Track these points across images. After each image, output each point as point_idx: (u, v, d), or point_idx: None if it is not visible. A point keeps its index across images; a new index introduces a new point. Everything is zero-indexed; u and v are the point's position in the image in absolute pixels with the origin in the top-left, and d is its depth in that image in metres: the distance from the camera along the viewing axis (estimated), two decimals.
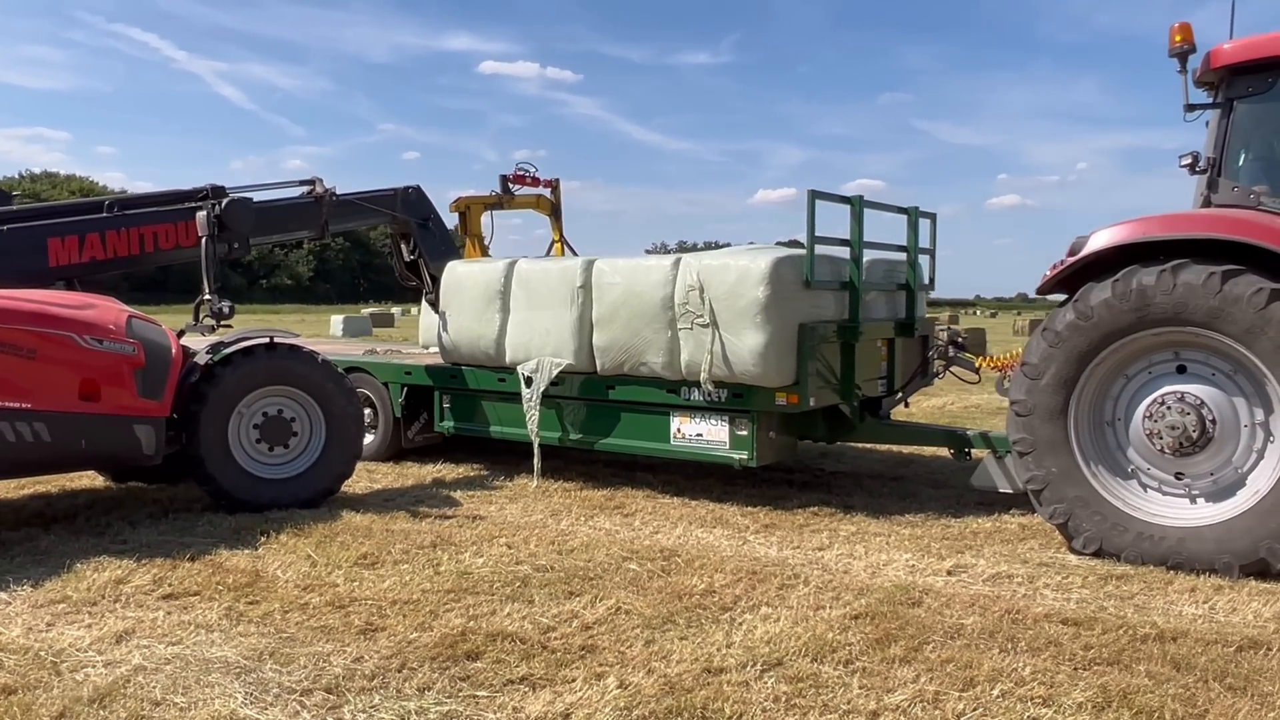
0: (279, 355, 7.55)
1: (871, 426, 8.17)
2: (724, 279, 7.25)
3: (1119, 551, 6.05)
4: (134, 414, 6.63)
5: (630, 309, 7.74)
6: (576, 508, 7.65)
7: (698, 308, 7.34)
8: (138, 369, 6.63)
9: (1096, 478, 6.22)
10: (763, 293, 7.09)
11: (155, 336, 6.92)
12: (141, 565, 5.88)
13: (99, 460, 6.89)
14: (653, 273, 7.67)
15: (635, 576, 5.74)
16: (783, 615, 5.03)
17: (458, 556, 6.14)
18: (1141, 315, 5.97)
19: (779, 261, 7.13)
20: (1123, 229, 6.16)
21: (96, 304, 6.79)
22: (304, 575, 5.75)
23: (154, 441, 6.74)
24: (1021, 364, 6.38)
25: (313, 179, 8.99)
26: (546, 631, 4.81)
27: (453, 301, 8.88)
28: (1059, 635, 4.76)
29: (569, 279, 8.11)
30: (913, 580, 5.72)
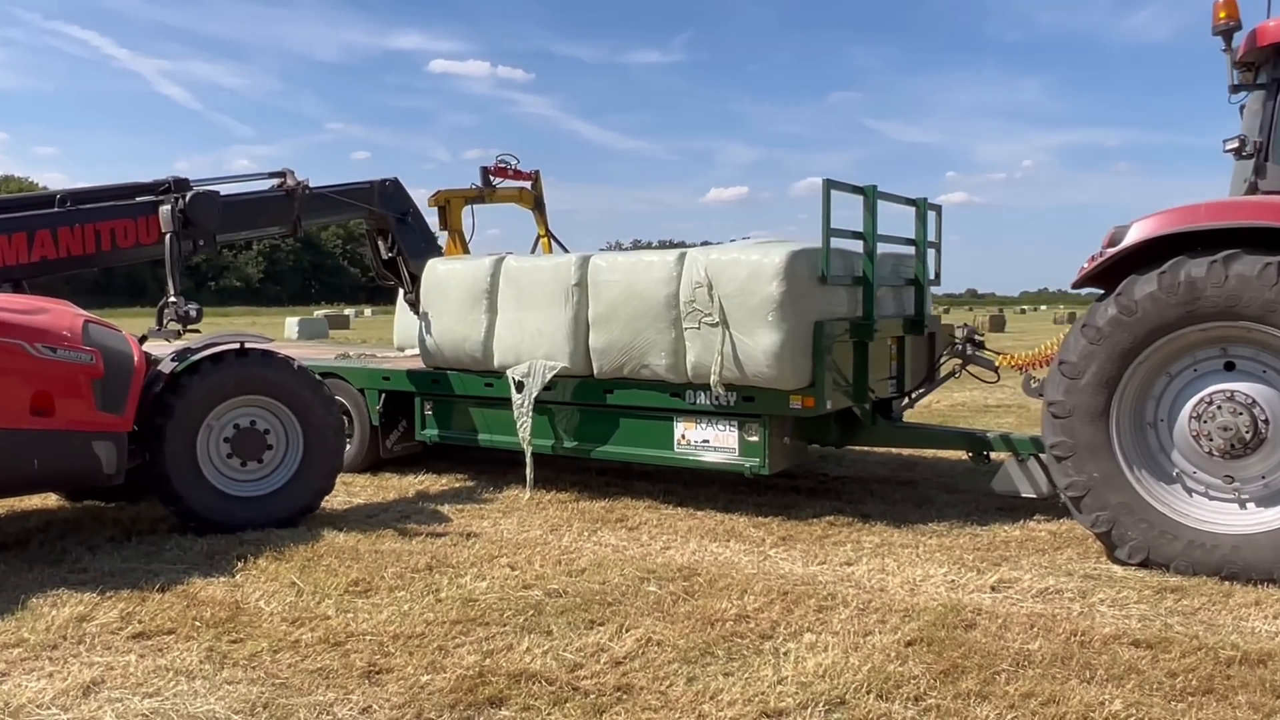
0: (251, 362, 6.95)
1: (884, 429, 7.76)
2: (735, 275, 6.78)
3: (1168, 561, 5.68)
4: (93, 429, 6.00)
5: (631, 308, 7.24)
6: (577, 521, 7.14)
7: (706, 306, 6.86)
8: (96, 379, 6.00)
9: (1140, 482, 5.84)
10: (777, 289, 6.62)
11: (115, 344, 6.29)
12: (106, 599, 5.27)
13: (54, 481, 6.23)
14: (655, 269, 7.18)
15: (657, 600, 5.25)
16: (830, 643, 4.57)
17: (458, 580, 5.61)
18: (1190, 309, 5.59)
19: (794, 255, 6.67)
20: (1166, 217, 5.79)
21: (49, 308, 6.15)
22: (290, 606, 5.18)
23: (115, 459, 6.11)
24: (1059, 363, 5.98)
25: (283, 171, 8.35)
26: (574, 669, 4.29)
27: (435, 302, 8.31)
28: (1135, 660, 4.35)
29: (563, 276, 7.59)
30: (958, 599, 5.28)
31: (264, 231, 8.62)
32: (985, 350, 7.65)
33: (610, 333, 7.37)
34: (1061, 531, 6.71)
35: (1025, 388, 6.92)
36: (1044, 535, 6.63)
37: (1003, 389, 12.33)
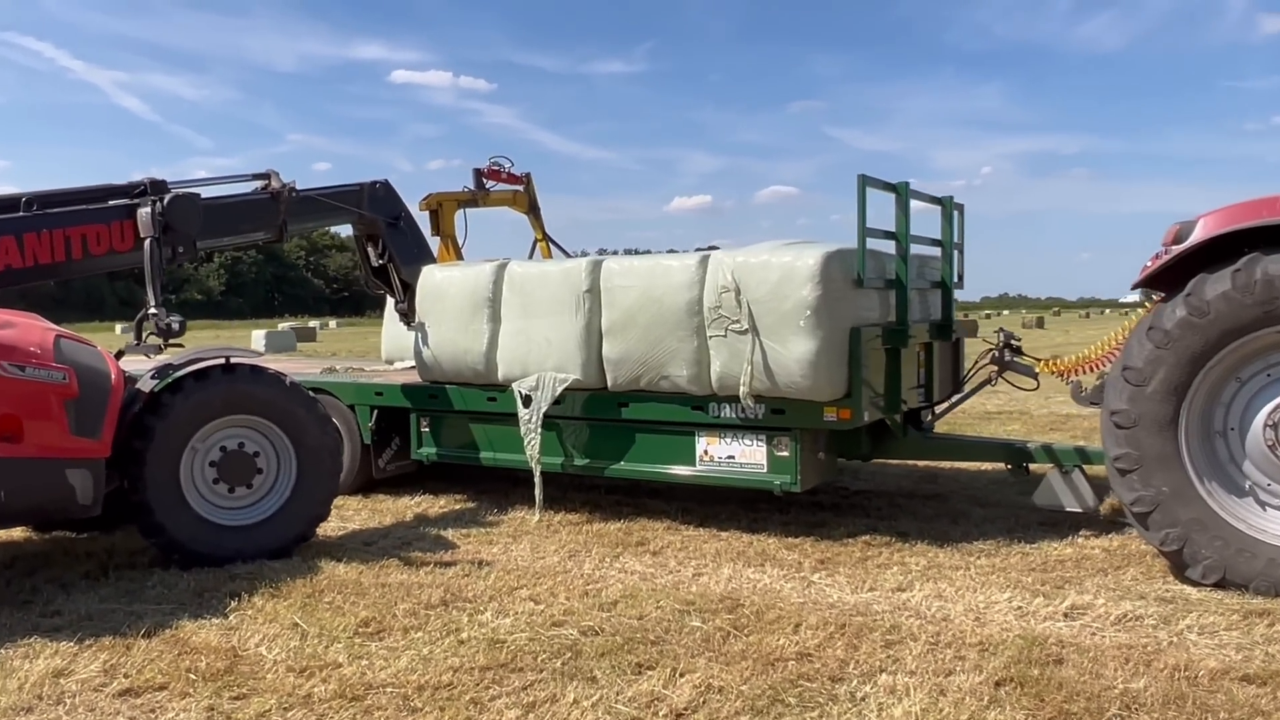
0: (238, 378, 6.36)
1: (916, 441, 7.31)
2: (765, 278, 6.30)
3: (1247, 581, 5.26)
4: (66, 455, 5.40)
5: (649, 315, 6.74)
6: (594, 546, 6.62)
7: (733, 312, 6.38)
8: (69, 400, 5.40)
9: (1212, 496, 5.44)
10: (812, 293, 6.16)
11: (89, 360, 5.69)
12: (85, 648, 4.68)
13: (23, 515, 5.56)
14: (675, 273, 6.69)
15: (706, 637, 4.74)
16: (910, 685, 4.09)
17: (478, 618, 5.07)
18: (1268, 309, 5.19)
19: (829, 257, 6.21)
20: (1235, 211, 5.40)
21: (15, 322, 5.54)
22: (295, 653, 4.62)
23: (91, 488, 5.51)
24: (1123, 369, 5.57)
25: (268, 172, 7.76)
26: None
27: (432, 311, 7.77)
28: (1254, 700, 3.92)
29: (573, 282, 7.08)
30: (1032, 628, 4.83)
31: (248, 237, 8.02)
32: (1023, 356, 7.24)
33: (626, 342, 6.87)
34: (1115, 548, 6.30)
35: (1074, 396, 6.51)
36: (1098, 553, 6.20)
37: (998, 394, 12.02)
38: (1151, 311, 5.87)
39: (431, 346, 7.76)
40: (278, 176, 7.74)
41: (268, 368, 6.61)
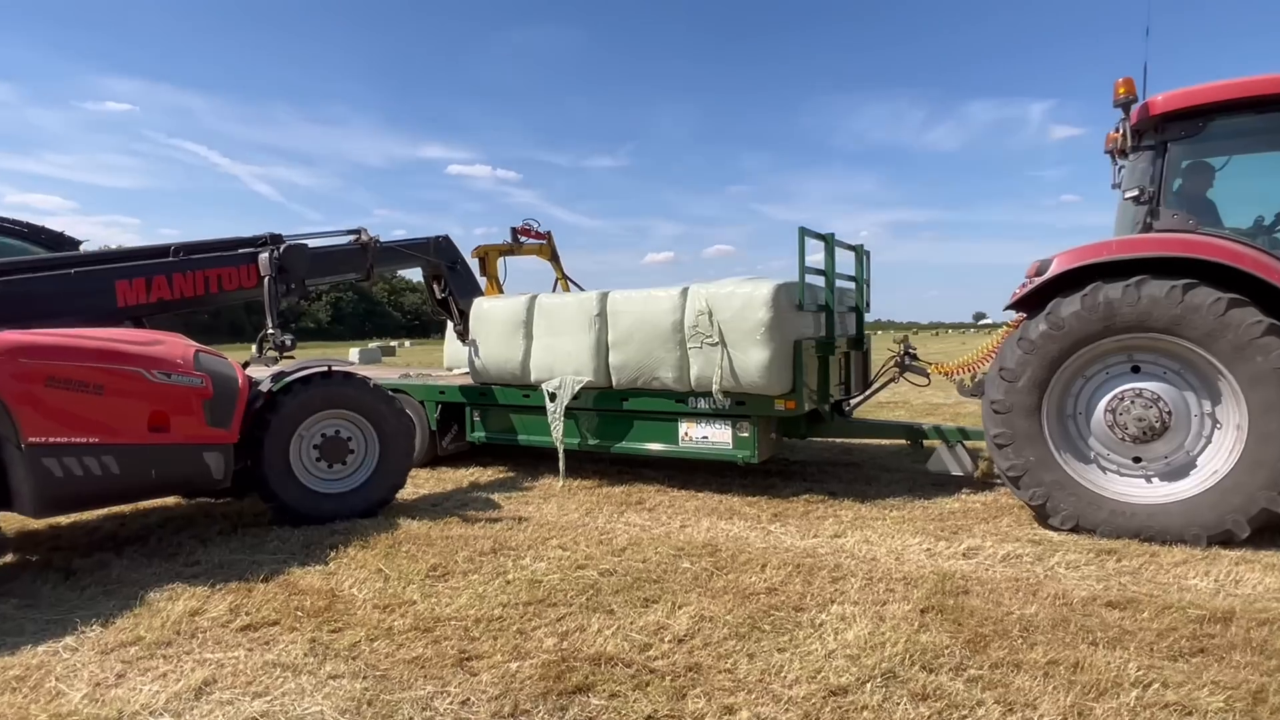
0: (335, 382, 5.91)
1: (841, 424, 6.95)
2: (730, 304, 5.94)
3: (1095, 527, 4.95)
4: (203, 441, 4.95)
5: (643, 332, 6.36)
6: (605, 505, 6.21)
7: (707, 329, 6.01)
8: (206, 400, 4.96)
9: (1068, 464, 5.11)
10: (766, 314, 5.80)
11: (222, 369, 5.24)
12: (216, 591, 4.24)
13: (171, 487, 5.07)
14: (662, 302, 6.31)
15: (695, 576, 4.35)
16: (856, 614, 3.72)
17: (519, 562, 4.66)
18: (1108, 324, 4.89)
19: (778, 288, 5.86)
20: (1082, 251, 5.09)
21: (164, 340, 5.08)
22: (379, 593, 4.19)
23: (223, 466, 5.07)
24: (999, 369, 5.24)
25: (358, 229, 7.32)
26: (644, 650, 3.39)
27: (481, 331, 7.35)
28: (1120, 622, 3.58)
29: (586, 308, 6.69)
30: (941, 566, 4.48)
31: (344, 277, 7.54)
32: (918, 360, 6.90)
33: (626, 352, 6.48)
34: (990, 503, 5.96)
35: (960, 389, 6.18)
36: (978, 507, 5.86)
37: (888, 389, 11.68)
38: (1018, 326, 5.56)
39: (481, 357, 7.33)
40: (366, 232, 7.30)
41: (358, 373, 6.17)
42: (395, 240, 7.70)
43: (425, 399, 7.89)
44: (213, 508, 6.31)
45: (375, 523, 5.65)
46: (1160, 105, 5.12)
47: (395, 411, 6.14)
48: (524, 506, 6.24)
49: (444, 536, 5.27)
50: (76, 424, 4.37)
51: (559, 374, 6.82)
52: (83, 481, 4.41)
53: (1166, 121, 5.13)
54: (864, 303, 7.50)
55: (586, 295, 6.78)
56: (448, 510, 6.11)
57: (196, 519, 5.98)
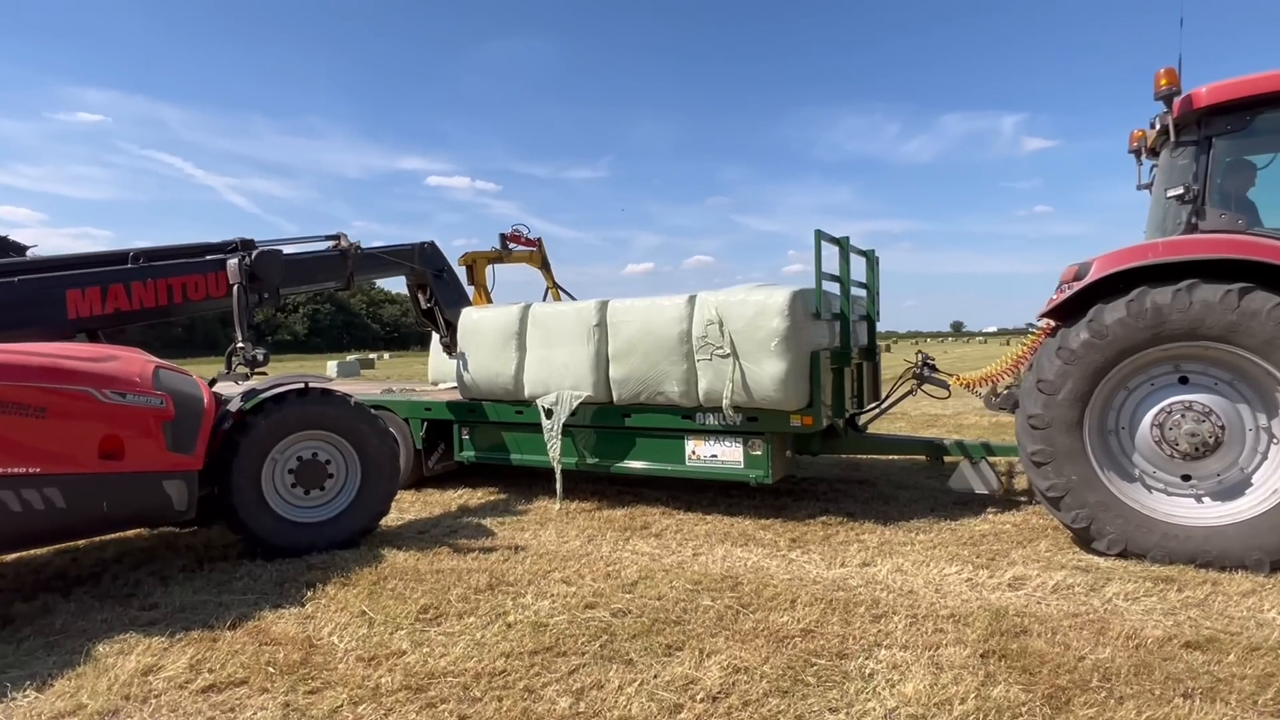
0: (311, 400, 5.39)
1: (856, 439, 6.55)
2: (743, 313, 5.51)
3: (1145, 552, 4.56)
4: (163, 469, 4.42)
5: (647, 344, 5.92)
6: (607, 530, 5.74)
7: (717, 340, 5.58)
8: (166, 422, 4.43)
9: (1112, 483, 4.74)
10: (781, 324, 5.38)
11: (185, 387, 4.73)
12: (175, 643, 3.71)
13: (127, 521, 4.48)
14: (667, 310, 5.87)
15: (719, 615, 3.90)
16: (909, 661, 3.29)
17: (520, 600, 4.18)
18: (1156, 331, 4.53)
19: (795, 295, 5.45)
20: (1127, 254, 4.72)
21: (120, 355, 4.55)
22: (363, 641, 3.70)
23: (185, 496, 4.54)
24: (1037, 381, 4.86)
25: (338, 234, 6.82)
26: (675, 713, 2.94)
27: (471, 343, 6.87)
28: (1208, 667, 3.18)
29: (585, 319, 6.23)
30: (988, 599, 4.07)
31: (321, 285, 7.02)
32: (938, 372, 6.52)
33: (629, 365, 6.04)
34: (1021, 523, 5.57)
35: (986, 402, 5.80)
36: (1010, 529, 5.47)
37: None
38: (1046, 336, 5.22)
39: (470, 370, 6.85)
40: (346, 237, 6.81)
41: (336, 390, 5.65)
42: (378, 247, 7.21)
43: (410, 416, 7.39)
44: (176, 538, 5.76)
45: (357, 554, 5.13)
46: (1204, 98, 4.79)
47: (378, 431, 5.64)
48: (519, 533, 5.75)
49: (434, 570, 4.77)
50: (14, 452, 3.83)
51: (555, 389, 6.35)
52: (22, 518, 3.87)
53: (1211, 115, 4.80)
54: (875, 310, 7.12)
55: (585, 304, 6.33)
56: (436, 539, 5.61)
57: (158, 552, 5.43)
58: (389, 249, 7.30)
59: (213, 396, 4.90)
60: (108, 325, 5.25)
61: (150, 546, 5.57)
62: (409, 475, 7.43)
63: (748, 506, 6.31)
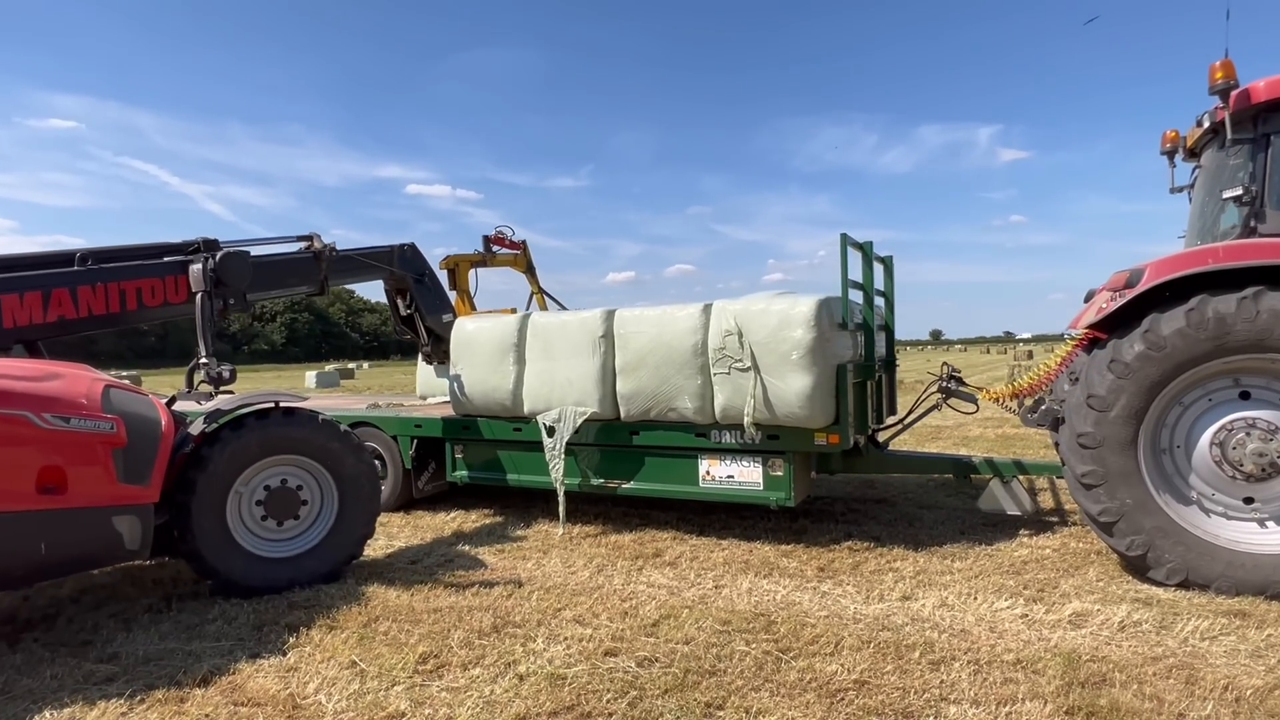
0: (273, 423, 4.83)
1: (878, 457, 6.15)
2: (764, 323, 5.12)
3: (1209, 582, 4.21)
4: (113, 503, 3.91)
5: (658, 356, 5.50)
6: (617, 559, 5.29)
7: (736, 352, 5.18)
8: (117, 449, 3.92)
9: (1169, 507, 4.38)
10: (807, 335, 4.99)
11: (139, 409, 4.22)
12: (136, 705, 3.21)
13: (68, 564, 3.85)
14: (680, 320, 5.46)
15: (757, 664, 3.47)
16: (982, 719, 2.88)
17: (531, 646, 3.72)
18: (1219, 343, 4.19)
19: (821, 304, 5.06)
20: (1184, 259, 4.39)
21: (63, 373, 4.03)
22: (355, 699, 3.22)
23: (139, 534, 4.02)
24: (1087, 397, 4.50)
25: (310, 235, 6.34)
26: None
27: (464, 356, 6.40)
28: None
29: (589, 329, 5.81)
30: (1048, 640, 3.67)
31: (293, 290, 6.49)
32: (965, 386, 6.16)
33: (638, 379, 5.61)
34: (1061, 548, 5.21)
35: (1024, 419, 5.43)
36: (1051, 554, 5.09)
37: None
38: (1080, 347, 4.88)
39: (465, 385, 6.39)
40: (319, 238, 6.32)
41: (302, 409, 5.09)
42: (355, 249, 6.73)
43: (399, 433, 6.90)
44: (141, 572, 5.23)
45: (344, 590, 4.65)
46: (1263, 92, 4.48)
47: (353, 449, 5.12)
48: (521, 562, 5.29)
49: (431, 609, 4.30)
50: None
51: (557, 404, 5.91)
52: None
53: (1270, 111, 4.49)
54: (893, 319, 6.76)
55: (590, 314, 5.90)
56: (431, 570, 5.13)
57: (119, 587, 4.90)
58: (366, 251, 6.83)
59: (171, 419, 4.39)
60: (50, 334, 4.71)
61: (112, 582, 5.04)
62: (398, 496, 6.95)
63: (765, 530, 5.89)
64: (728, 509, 6.42)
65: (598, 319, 5.80)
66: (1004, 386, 5.82)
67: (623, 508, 6.77)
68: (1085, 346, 5.03)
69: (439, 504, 7.20)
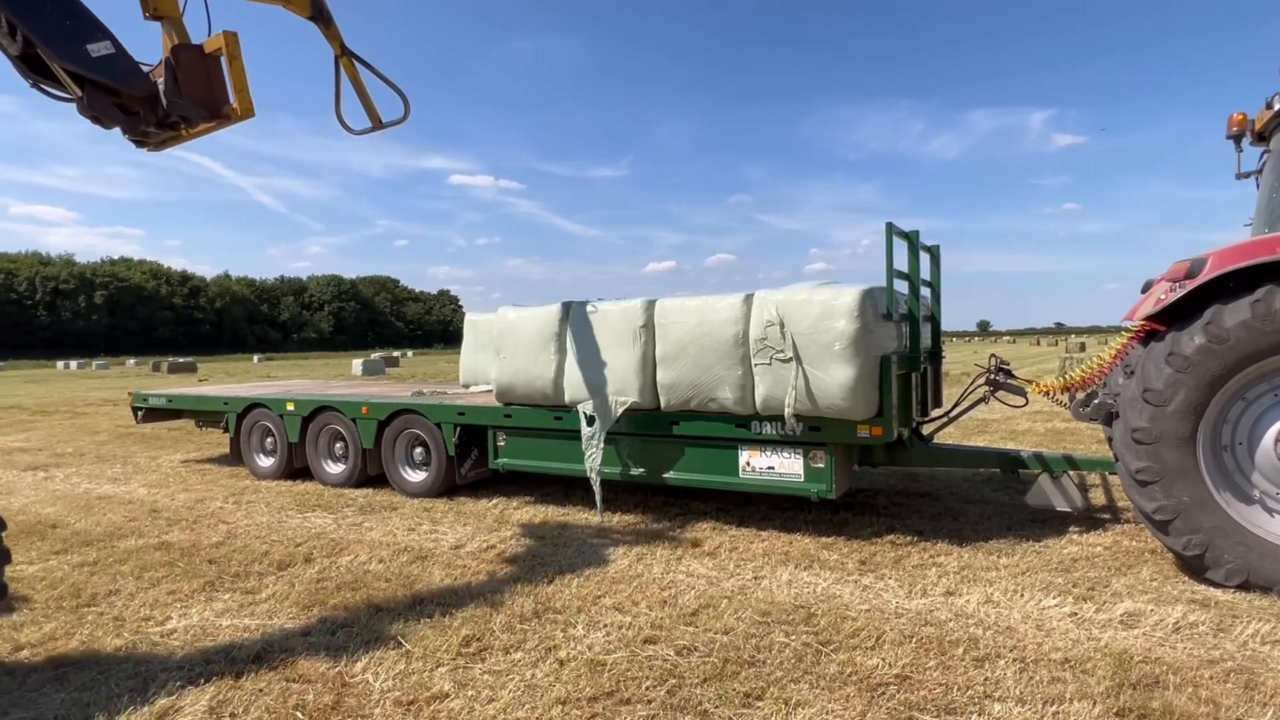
0: None
1: (922, 450, 6.04)
2: (807, 313, 5.06)
3: (1271, 584, 4.05)
4: None
5: (699, 346, 5.49)
6: (656, 548, 5.31)
7: (778, 343, 5.13)
8: None
9: (1229, 506, 4.22)
10: (850, 325, 4.92)
11: None
12: (195, 678, 3.35)
13: None
14: (721, 311, 5.43)
15: (797, 656, 3.46)
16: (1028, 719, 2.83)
17: (571, 633, 3.77)
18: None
19: (865, 294, 4.98)
20: (1250, 248, 4.19)
21: None
22: (401, 678, 3.31)
23: None
24: (1143, 391, 4.35)
25: None
26: None
27: (508, 345, 6.47)
28: None
29: (630, 319, 5.81)
30: (1098, 639, 3.58)
31: None
32: (1015, 379, 6.02)
33: (678, 370, 5.60)
34: (1113, 545, 5.07)
35: (1076, 413, 5.28)
36: (1103, 552, 4.96)
37: None
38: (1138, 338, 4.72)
39: (507, 374, 6.46)
40: None
41: None
42: None
43: (442, 421, 7.02)
44: (196, 552, 5.43)
45: (389, 573, 4.76)
46: None
47: None
48: (562, 550, 5.35)
49: (473, 594, 4.38)
50: None
51: (597, 394, 5.94)
52: None
53: None
54: (939, 310, 6.62)
55: (630, 304, 5.91)
56: (474, 555, 5.23)
57: (176, 567, 5.08)
58: None
59: None
60: None
61: (170, 561, 5.24)
62: (442, 482, 7.09)
63: (805, 522, 5.85)
64: (767, 500, 6.39)
65: (638, 309, 5.80)
66: (1055, 379, 5.66)
67: (662, 497, 6.79)
68: (1142, 339, 4.86)
69: (481, 490, 7.32)
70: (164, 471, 9.02)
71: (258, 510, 6.75)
